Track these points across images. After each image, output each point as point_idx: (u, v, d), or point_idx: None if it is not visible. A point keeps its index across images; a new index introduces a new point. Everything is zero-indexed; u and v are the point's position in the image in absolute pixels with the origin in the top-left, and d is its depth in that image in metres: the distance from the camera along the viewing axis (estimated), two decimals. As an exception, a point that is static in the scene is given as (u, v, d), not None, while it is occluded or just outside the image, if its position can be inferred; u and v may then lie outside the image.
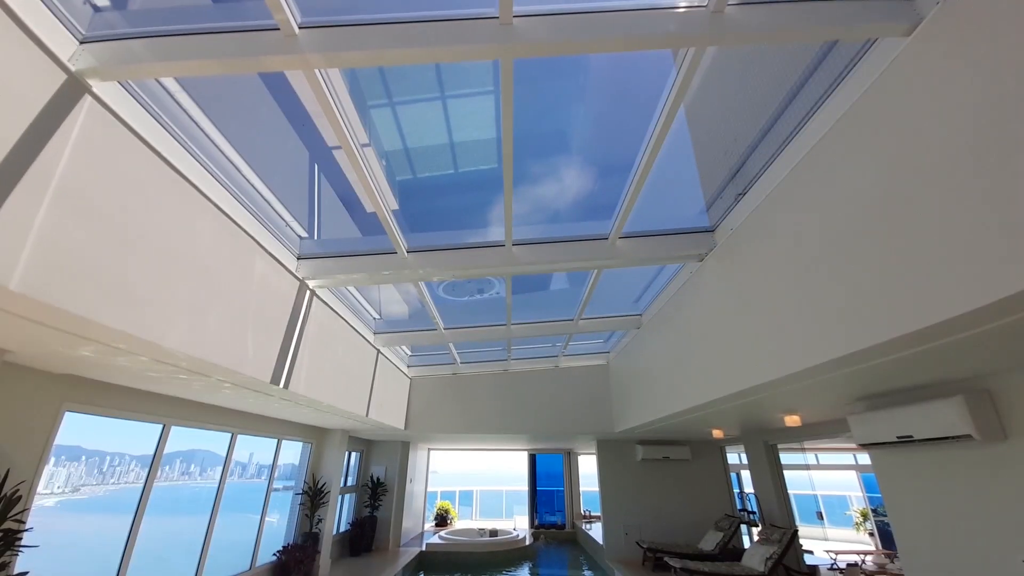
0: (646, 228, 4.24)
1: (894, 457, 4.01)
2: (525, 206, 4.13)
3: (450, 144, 3.66)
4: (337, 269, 4.25)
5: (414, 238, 4.20)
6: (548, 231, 4.36)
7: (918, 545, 3.75)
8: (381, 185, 3.45)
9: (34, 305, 2.06)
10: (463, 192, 4.42)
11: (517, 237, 4.11)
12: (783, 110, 3.08)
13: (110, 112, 2.34)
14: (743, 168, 3.57)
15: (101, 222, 2.28)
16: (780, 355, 3.17)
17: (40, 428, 3.45)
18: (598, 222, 4.20)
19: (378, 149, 3.48)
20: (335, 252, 4.32)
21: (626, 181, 3.54)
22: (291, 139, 3.37)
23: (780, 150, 3.14)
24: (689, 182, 4.20)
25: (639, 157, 3.25)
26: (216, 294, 3.10)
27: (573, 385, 8.76)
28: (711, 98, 3.50)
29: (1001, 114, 1.79)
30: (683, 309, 5.17)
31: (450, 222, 4.62)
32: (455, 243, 4.33)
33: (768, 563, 6.05)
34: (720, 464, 9.38)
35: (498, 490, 17.55)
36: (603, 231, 4.17)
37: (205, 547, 5.14)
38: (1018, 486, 3.04)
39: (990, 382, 3.26)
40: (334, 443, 7.87)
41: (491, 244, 4.23)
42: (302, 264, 4.20)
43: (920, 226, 2.13)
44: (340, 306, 5.57)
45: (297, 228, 4.10)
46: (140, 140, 2.50)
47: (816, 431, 6.33)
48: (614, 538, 8.81)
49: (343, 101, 2.73)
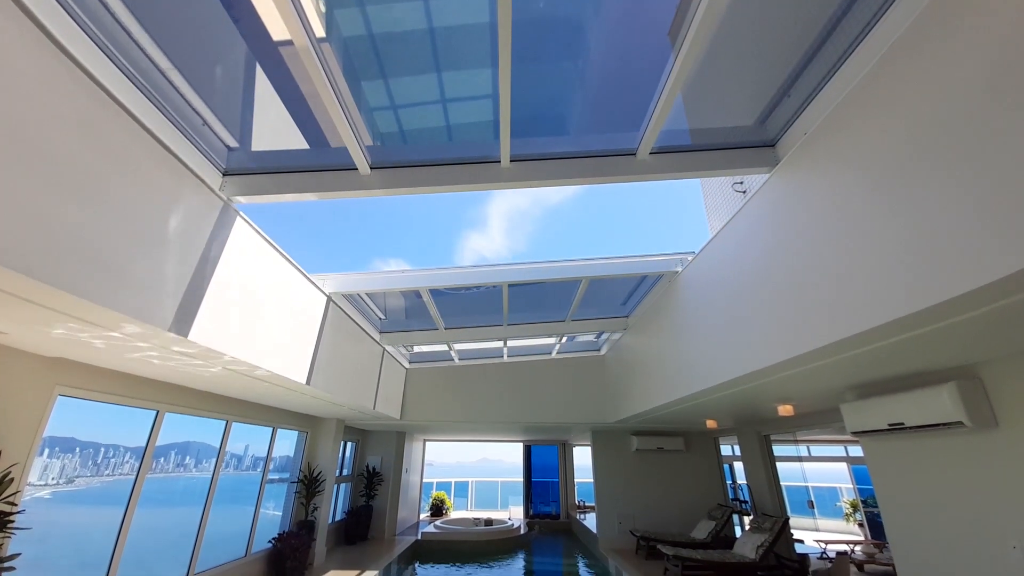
0: (683, 143, 3.43)
1: (885, 445, 4.05)
2: (525, 110, 3.08)
3: (429, 30, 2.65)
4: (274, 187, 3.39)
5: (379, 151, 3.37)
6: (554, 145, 3.48)
7: (908, 532, 3.80)
8: (339, 84, 2.73)
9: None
10: (444, 93, 3.30)
11: (516, 152, 3.34)
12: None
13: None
14: (811, 64, 2.77)
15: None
16: (858, 303, 2.56)
17: (32, 410, 3.41)
18: (621, 134, 3.36)
19: (336, 40, 2.63)
20: (273, 167, 3.45)
21: (658, 82, 2.82)
22: (221, 20, 2.48)
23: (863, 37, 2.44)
24: (740, 84, 3.20)
25: (675, 53, 2.59)
26: (103, 208, 2.35)
27: (569, 375, 8.80)
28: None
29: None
30: (680, 297, 5.21)
31: (426, 133, 3.53)
32: (433, 158, 3.46)
33: (759, 551, 6.13)
34: (713, 455, 9.46)
35: (493, 481, 17.68)
36: (629, 145, 3.38)
37: (200, 535, 5.14)
38: (1009, 473, 3.07)
39: (982, 369, 3.28)
40: (329, 432, 7.87)
41: (480, 160, 3.43)
42: (228, 181, 3.34)
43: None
44: (350, 308, 5.92)
45: (224, 135, 3.17)
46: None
47: (809, 421, 6.39)
48: (608, 527, 8.89)
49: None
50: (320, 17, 2.43)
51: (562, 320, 7.16)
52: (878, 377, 3.81)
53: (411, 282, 5.62)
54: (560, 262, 5.65)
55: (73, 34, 2.20)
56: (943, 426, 3.35)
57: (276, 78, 2.86)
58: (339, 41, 2.64)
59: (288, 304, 4.43)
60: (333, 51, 2.62)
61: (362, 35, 2.69)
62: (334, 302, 5.42)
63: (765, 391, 4.54)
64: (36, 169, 2.03)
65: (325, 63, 2.55)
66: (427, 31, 2.65)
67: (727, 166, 3.41)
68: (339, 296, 5.49)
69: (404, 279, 5.70)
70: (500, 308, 6.56)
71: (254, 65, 2.80)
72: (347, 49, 2.72)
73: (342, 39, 2.65)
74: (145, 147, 2.62)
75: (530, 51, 2.70)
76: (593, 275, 5.59)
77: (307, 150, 3.41)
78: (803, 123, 3.04)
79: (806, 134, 2.91)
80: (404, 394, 8.67)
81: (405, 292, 5.95)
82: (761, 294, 3.46)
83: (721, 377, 4.13)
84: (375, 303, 6.34)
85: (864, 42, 2.49)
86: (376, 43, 2.73)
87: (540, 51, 2.83)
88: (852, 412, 4.14)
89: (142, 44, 2.45)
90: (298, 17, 2.23)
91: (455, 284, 5.68)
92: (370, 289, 5.64)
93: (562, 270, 5.64)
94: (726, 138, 3.42)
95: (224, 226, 3.34)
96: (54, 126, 2.11)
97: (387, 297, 6.23)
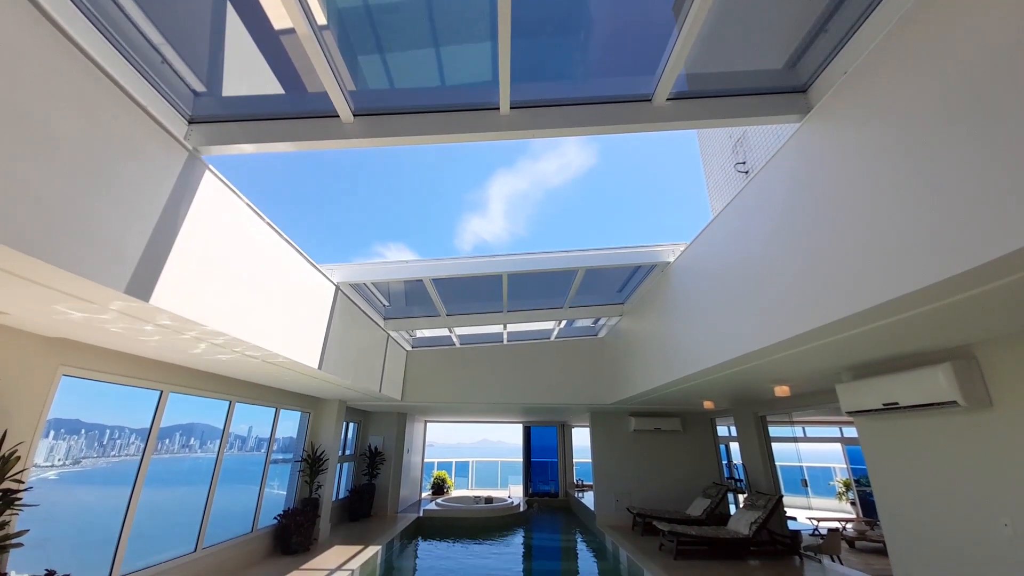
0: (704, 88, 3.11)
1: (879, 424, 4.10)
2: (527, 51, 2.78)
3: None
4: (245, 136, 3.06)
5: (364, 96, 3.05)
6: (560, 90, 3.15)
7: (899, 510, 3.87)
8: (317, 20, 2.48)
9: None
10: (436, 31, 2.90)
11: (517, 98, 3.03)
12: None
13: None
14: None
15: None
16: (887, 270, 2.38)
17: (37, 390, 3.45)
18: (635, 78, 3.05)
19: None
20: (245, 114, 3.11)
21: (676, 19, 2.58)
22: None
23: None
24: (768, 21, 2.81)
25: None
26: (41, 153, 2.05)
27: (568, 358, 8.87)
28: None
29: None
30: (676, 283, 5.22)
31: (417, 74, 3.17)
32: (424, 104, 3.11)
33: (753, 527, 6.28)
34: (710, 435, 9.61)
35: (493, 461, 18.01)
36: (644, 91, 3.08)
37: (206, 512, 5.26)
38: (1002, 452, 3.11)
39: (979, 349, 3.30)
40: (331, 412, 7.99)
41: (477, 107, 3.11)
42: (195, 130, 3.03)
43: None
44: (355, 295, 6.13)
45: (190, 77, 2.84)
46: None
47: (805, 401, 6.47)
48: (605, 505, 9.09)
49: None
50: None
51: (560, 307, 7.35)
52: (875, 358, 3.84)
53: (415, 272, 5.81)
54: (557, 253, 5.80)
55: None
56: (937, 406, 3.39)
57: (246, 13, 2.56)
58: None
59: (296, 291, 4.59)
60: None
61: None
62: (342, 291, 5.66)
63: (762, 372, 4.58)
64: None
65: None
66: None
67: (753, 113, 3.10)
68: (346, 285, 5.72)
69: (408, 269, 5.89)
70: (500, 295, 6.74)
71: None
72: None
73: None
74: (94, 84, 2.28)
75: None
76: (589, 265, 5.76)
77: (282, 95, 3.05)
78: (841, 63, 2.71)
79: (846, 72, 2.60)
80: (405, 376, 8.76)
81: (409, 281, 6.14)
82: (770, 269, 3.35)
83: (722, 357, 4.15)
84: (379, 291, 6.59)
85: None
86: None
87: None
88: (847, 392, 4.19)
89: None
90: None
91: (457, 274, 5.84)
92: (376, 279, 5.83)
93: (559, 260, 5.79)
94: (752, 83, 3.08)
95: (190, 180, 2.96)
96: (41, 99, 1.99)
97: (391, 285, 6.43)
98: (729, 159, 7.88)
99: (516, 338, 8.99)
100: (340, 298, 5.62)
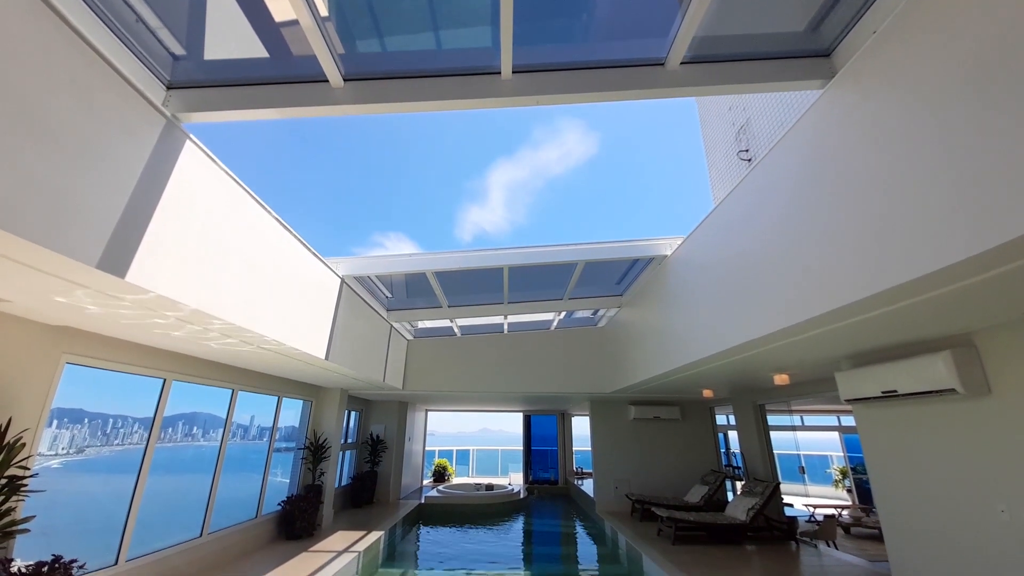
0: (720, 51, 2.92)
1: (877, 412, 4.13)
2: (531, 10, 2.61)
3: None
4: (226, 102, 2.89)
5: (354, 60, 2.89)
6: (566, 53, 2.96)
7: (896, 496, 3.92)
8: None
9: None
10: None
11: (520, 62, 2.83)
12: None
13: None
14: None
15: None
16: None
17: (41, 377, 3.47)
18: (647, 40, 2.89)
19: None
20: (227, 79, 2.93)
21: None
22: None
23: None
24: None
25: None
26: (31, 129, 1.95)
27: (568, 347, 8.90)
28: None
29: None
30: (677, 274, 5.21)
31: (412, 35, 2.98)
32: (419, 68, 2.92)
33: (750, 513, 6.37)
34: (709, 424, 9.69)
35: (493, 450, 18.19)
36: (656, 54, 2.90)
37: (211, 499, 5.33)
38: (1000, 439, 3.13)
39: (979, 337, 3.30)
40: (333, 401, 8.06)
41: (476, 71, 2.92)
42: (174, 95, 2.86)
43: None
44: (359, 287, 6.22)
45: (168, 40, 2.67)
46: None
47: (803, 390, 6.51)
48: (605, 492, 9.21)
49: None
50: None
51: (560, 299, 7.43)
52: (875, 346, 3.84)
53: (417, 265, 5.99)
54: (557, 246, 5.93)
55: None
56: (936, 393, 3.41)
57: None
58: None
59: (303, 283, 4.68)
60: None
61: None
62: (347, 284, 5.76)
63: (763, 360, 4.59)
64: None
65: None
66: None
67: (773, 78, 2.91)
68: (351, 278, 5.87)
69: (411, 262, 6.06)
70: (501, 287, 6.81)
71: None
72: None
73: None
74: (61, 40, 2.10)
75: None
76: (588, 259, 5.88)
77: (267, 59, 2.86)
78: (869, 24, 2.55)
79: (875, 33, 2.40)
80: (406, 365, 8.81)
81: (411, 274, 6.28)
82: (777, 252, 3.25)
83: (724, 345, 4.15)
84: (382, 283, 6.72)
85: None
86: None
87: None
88: (846, 380, 4.21)
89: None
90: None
91: (459, 267, 5.94)
92: (379, 272, 6.01)
93: (559, 254, 5.91)
94: (772, 46, 2.90)
95: (168, 150, 2.76)
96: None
97: (393, 277, 6.56)
98: (732, 147, 7.81)
99: (516, 328, 9.02)
100: (345, 290, 5.71)
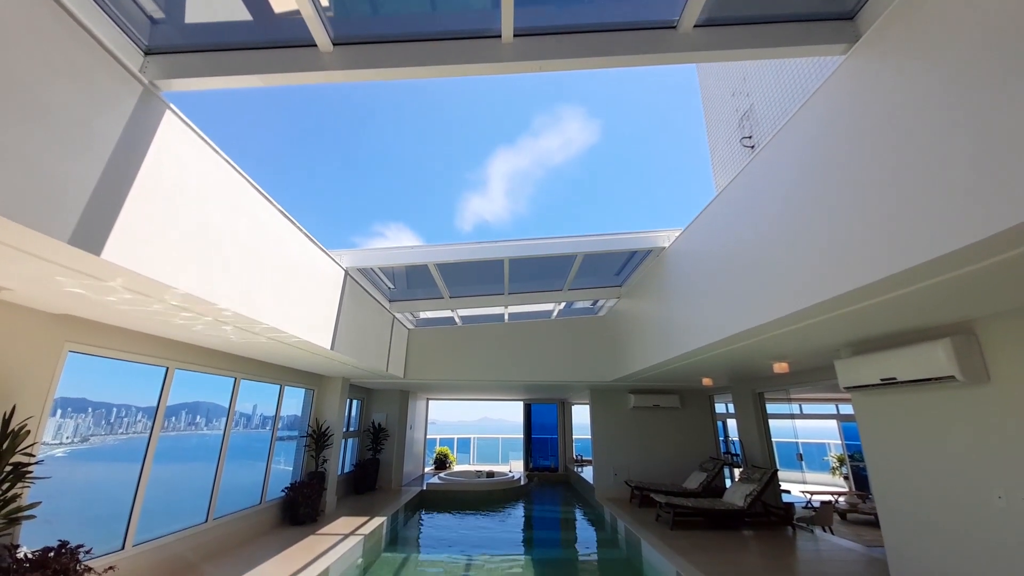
0: (736, 14, 2.75)
1: (875, 399, 4.15)
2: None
3: None
4: (207, 68, 2.75)
5: (344, 22, 2.75)
6: (571, 15, 2.81)
7: (893, 483, 3.95)
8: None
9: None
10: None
11: (522, 24, 2.69)
12: None
13: None
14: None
15: None
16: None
17: (44, 366, 3.49)
18: (658, 2, 2.74)
19: None
20: (209, 43, 2.78)
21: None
22: None
23: None
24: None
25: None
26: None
27: (569, 336, 8.93)
28: None
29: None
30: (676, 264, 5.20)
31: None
32: (414, 31, 2.77)
33: (748, 499, 6.45)
34: (708, 412, 9.77)
35: (494, 438, 18.36)
36: (667, 16, 2.75)
37: (215, 486, 5.40)
38: (998, 426, 3.15)
39: (979, 325, 3.31)
40: (335, 389, 8.12)
41: (474, 34, 2.76)
42: (152, 62, 2.72)
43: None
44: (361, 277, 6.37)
45: (147, 4, 2.55)
46: None
47: (803, 378, 6.54)
48: (604, 479, 9.32)
49: None
50: None
51: (560, 289, 7.46)
52: (875, 334, 3.85)
53: (419, 257, 6.11)
54: (556, 239, 5.98)
55: None
56: (935, 380, 3.42)
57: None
58: None
59: (307, 275, 4.73)
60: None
61: None
62: (351, 276, 5.86)
63: (763, 348, 4.61)
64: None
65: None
66: None
67: (793, 42, 2.74)
68: (354, 270, 5.97)
69: (413, 254, 6.17)
70: (502, 278, 6.85)
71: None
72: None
73: None
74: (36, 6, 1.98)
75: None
76: (587, 251, 5.92)
77: (251, 22, 2.71)
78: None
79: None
80: (407, 354, 8.85)
81: (413, 266, 6.35)
82: (783, 235, 3.19)
83: (724, 333, 4.16)
84: (384, 274, 6.79)
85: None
86: None
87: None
88: (846, 368, 4.22)
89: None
90: None
91: (460, 259, 6.03)
92: (382, 264, 6.11)
93: (558, 246, 5.97)
94: (792, 8, 2.72)
95: (146, 120, 2.61)
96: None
97: (395, 268, 6.62)
98: (735, 134, 7.73)
99: (517, 317, 9.03)
100: (348, 282, 5.79)
